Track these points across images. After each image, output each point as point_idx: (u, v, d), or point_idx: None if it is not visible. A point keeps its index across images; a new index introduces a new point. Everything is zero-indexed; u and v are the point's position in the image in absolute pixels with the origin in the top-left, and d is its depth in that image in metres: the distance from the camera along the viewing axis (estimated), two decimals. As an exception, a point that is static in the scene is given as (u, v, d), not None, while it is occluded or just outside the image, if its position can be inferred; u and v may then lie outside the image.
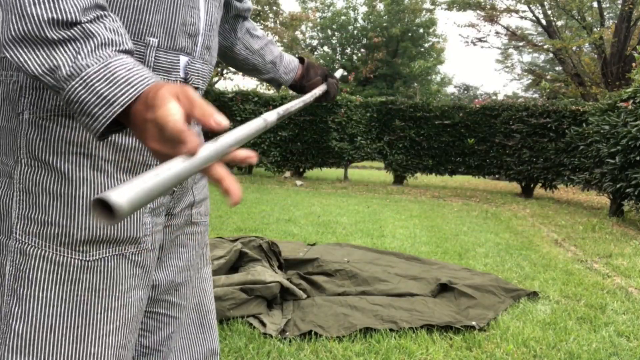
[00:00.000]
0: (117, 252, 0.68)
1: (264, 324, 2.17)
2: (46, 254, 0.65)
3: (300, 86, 1.17)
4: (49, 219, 0.65)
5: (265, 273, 2.47)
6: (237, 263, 2.77)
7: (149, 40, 0.69)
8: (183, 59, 0.74)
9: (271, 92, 17.18)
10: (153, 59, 0.70)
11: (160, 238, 0.75)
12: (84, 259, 0.65)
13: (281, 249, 3.09)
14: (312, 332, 2.08)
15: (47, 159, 0.64)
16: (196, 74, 0.77)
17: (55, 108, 0.64)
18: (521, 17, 16.89)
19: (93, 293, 0.66)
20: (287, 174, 10.94)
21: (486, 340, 2.10)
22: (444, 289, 2.71)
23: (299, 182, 9.61)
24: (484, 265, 3.43)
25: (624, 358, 2.01)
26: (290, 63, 1.15)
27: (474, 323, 2.22)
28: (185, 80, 0.75)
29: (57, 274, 0.65)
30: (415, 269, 3.08)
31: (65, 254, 0.65)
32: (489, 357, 1.95)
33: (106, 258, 0.67)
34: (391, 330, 2.14)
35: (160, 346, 0.86)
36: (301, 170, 10.89)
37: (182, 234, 0.86)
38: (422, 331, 2.14)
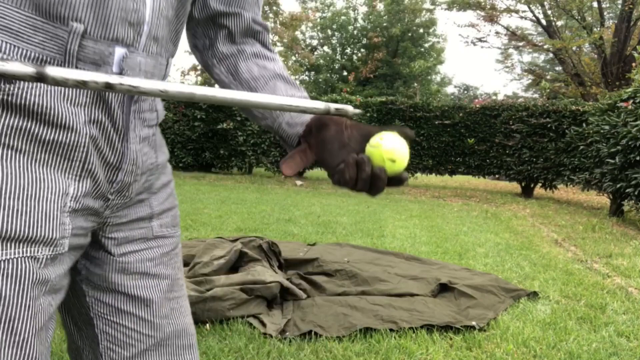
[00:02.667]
0: (28, 254, 0.58)
1: (264, 324, 2.17)
2: None
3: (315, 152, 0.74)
4: None
5: (265, 273, 2.47)
6: (237, 263, 2.77)
7: (73, 26, 0.58)
8: (119, 51, 0.63)
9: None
10: (77, 47, 0.59)
11: (81, 244, 0.67)
12: None
13: (281, 249, 3.09)
14: (312, 332, 2.08)
15: None
16: (136, 69, 0.65)
17: None
18: (521, 17, 16.90)
19: None
20: (287, 174, 10.94)
21: (486, 340, 2.10)
22: (444, 289, 2.71)
23: (299, 182, 9.61)
24: (484, 265, 3.43)
25: (624, 358, 2.01)
26: (301, 115, 0.75)
27: (474, 323, 2.22)
28: (121, 74, 0.63)
29: None
30: (415, 269, 3.08)
31: None
32: (489, 357, 1.95)
33: (15, 260, 0.57)
34: (391, 330, 2.14)
35: None
36: (301, 170, 10.90)
37: (147, 248, 0.77)
38: (422, 331, 2.14)
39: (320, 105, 0.63)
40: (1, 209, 0.55)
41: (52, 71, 0.48)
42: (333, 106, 0.65)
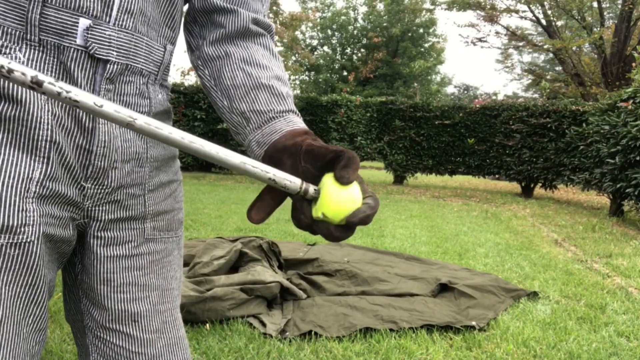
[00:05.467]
0: None
1: (264, 324, 2.17)
2: None
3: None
4: None
5: (265, 273, 2.47)
6: (237, 263, 2.77)
7: None
8: (84, 22, 0.59)
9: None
10: (37, 16, 0.56)
11: (61, 236, 0.64)
12: None
13: (281, 249, 3.09)
14: (312, 332, 2.08)
15: None
16: (105, 43, 0.61)
17: None
18: (521, 17, 16.91)
19: None
20: (287, 174, 10.96)
21: (486, 340, 2.10)
22: (444, 289, 2.71)
23: (299, 182, 9.62)
24: (484, 265, 3.43)
25: (624, 358, 2.01)
26: (274, 131, 0.66)
27: (474, 323, 2.22)
28: (86, 48, 0.60)
29: None
30: (415, 269, 3.08)
31: None
32: (489, 357, 1.95)
33: None
34: (391, 330, 2.14)
35: None
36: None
37: (137, 254, 0.71)
38: (422, 331, 2.14)
39: (296, 181, 0.55)
40: None
41: None
42: (312, 188, 0.55)
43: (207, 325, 2.13)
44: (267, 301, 2.39)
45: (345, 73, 29.16)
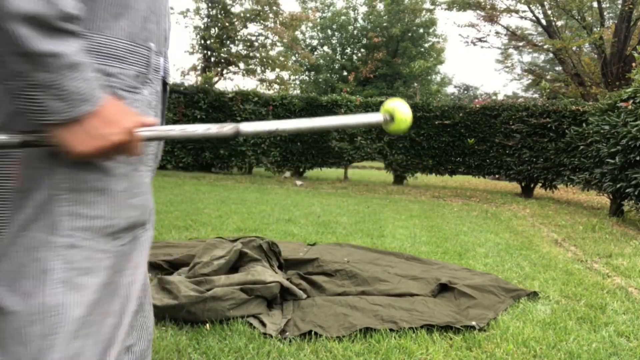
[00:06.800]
0: (132, 237, 0.81)
1: (264, 324, 2.17)
2: (95, 245, 0.73)
3: None
4: (96, 213, 0.73)
5: (265, 273, 2.47)
6: (237, 263, 2.77)
7: (151, 46, 0.82)
8: (161, 60, 0.87)
9: (271, 92, 17.14)
10: (153, 61, 0.82)
11: None
12: (120, 244, 0.77)
13: (281, 249, 3.09)
14: (312, 332, 2.08)
15: None
16: (167, 72, 0.92)
17: None
18: (521, 17, 16.89)
19: (123, 273, 0.79)
20: (287, 174, 10.95)
21: (486, 340, 2.09)
22: (444, 289, 2.71)
23: (298, 182, 9.61)
24: (484, 265, 3.43)
25: (624, 358, 2.01)
26: None
27: (474, 323, 2.22)
28: (164, 78, 0.90)
29: (104, 260, 0.75)
30: (415, 269, 3.08)
31: (108, 242, 0.75)
32: (489, 357, 1.95)
33: (130, 241, 0.80)
34: (391, 330, 2.13)
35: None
36: (301, 170, 10.90)
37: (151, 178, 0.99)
38: (422, 331, 2.14)
39: (379, 115, 0.88)
40: (134, 207, 0.80)
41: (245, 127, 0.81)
42: (385, 115, 0.89)
43: (207, 325, 2.13)
44: (267, 301, 2.38)
45: (345, 73, 29.15)
